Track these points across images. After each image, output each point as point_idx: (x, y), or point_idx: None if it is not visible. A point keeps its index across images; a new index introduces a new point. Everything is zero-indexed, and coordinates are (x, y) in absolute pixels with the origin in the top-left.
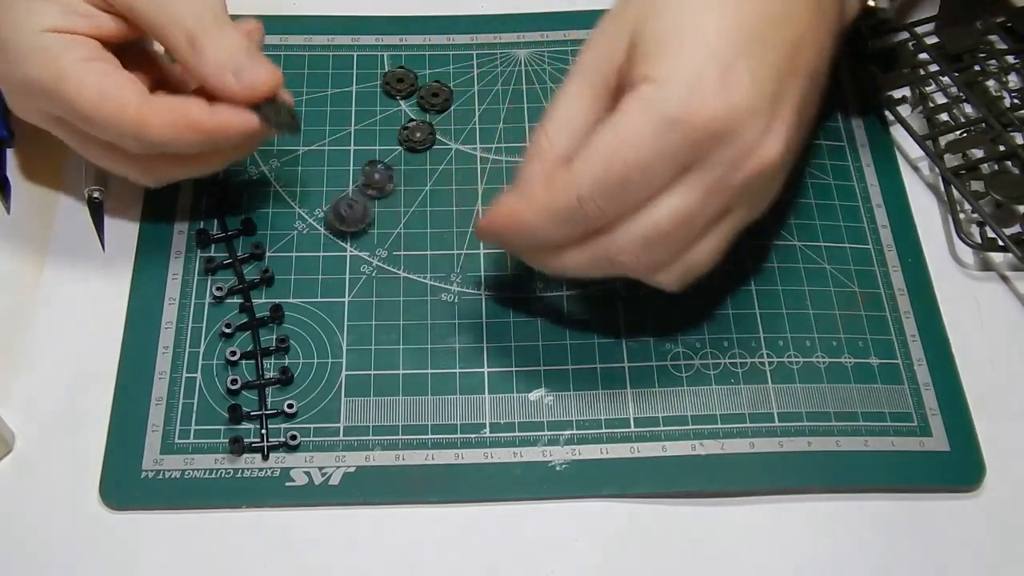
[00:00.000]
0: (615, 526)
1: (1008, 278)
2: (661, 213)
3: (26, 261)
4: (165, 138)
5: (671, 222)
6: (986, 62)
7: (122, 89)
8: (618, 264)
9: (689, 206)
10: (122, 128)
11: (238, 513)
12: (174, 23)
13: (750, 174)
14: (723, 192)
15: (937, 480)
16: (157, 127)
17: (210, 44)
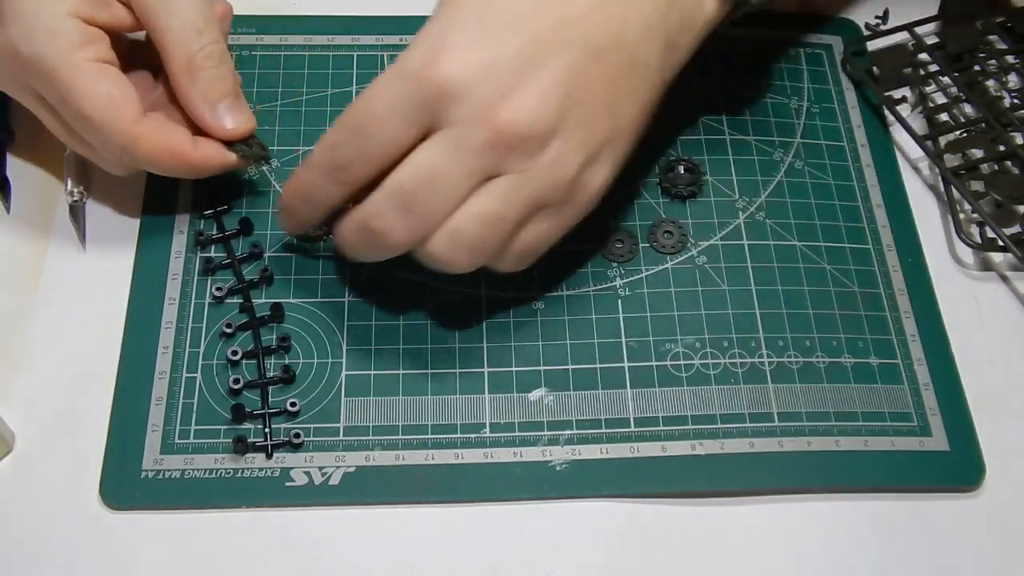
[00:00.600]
0: (615, 526)
1: (1008, 278)
2: (404, 170)
3: (26, 261)
4: (150, 159)
5: (413, 180)
6: (986, 62)
7: (127, 101)
8: (376, 232)
9: (431, 163)
10: (116, 138)
11: (238, 513)
12: (179, 43)
13: (492, 135)
14: (466, 152)
15: (937, 480)
16: (145, 148)
17: (207, 76)
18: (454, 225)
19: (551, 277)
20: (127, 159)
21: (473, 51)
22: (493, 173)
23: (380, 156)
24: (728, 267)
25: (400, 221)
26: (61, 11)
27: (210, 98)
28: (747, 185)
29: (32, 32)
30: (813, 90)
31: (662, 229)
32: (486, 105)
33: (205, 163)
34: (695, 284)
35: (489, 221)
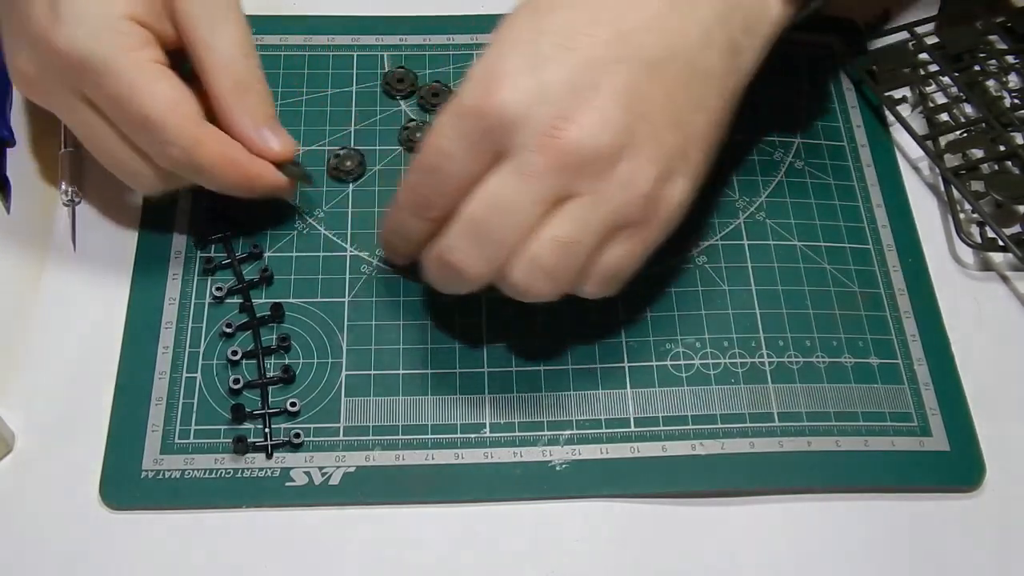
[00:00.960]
0: (615, 526)
1: (1008, 278)
2: (473, 202)
3: (26, 261)
4: (211, 165)
5: (483, 209)
6: (986, 62)
7: (189, 102)
8: (453, 265)
9: (499, 192)
10: (178, 140)
11: (238, 513)
12: (226, 63)
13: (557, 156)
14: (532, 177)
15: (937, 480)
16: (207, 152)
17: (254, 97)
18: (531, 253)
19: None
20: (185, 164)
21: (527, 76)
22: (564, 197)
23: (456, 190)
24: (728, 267)
25: (474, 252)
26: (122, 12)
27: (256, 119)
28: (747, 185)
29: (94, 32)
30: (813, 90)
31: None
32: (545, 129)
33: (259, 178)
34: (695, 284)
35: (565, 245)
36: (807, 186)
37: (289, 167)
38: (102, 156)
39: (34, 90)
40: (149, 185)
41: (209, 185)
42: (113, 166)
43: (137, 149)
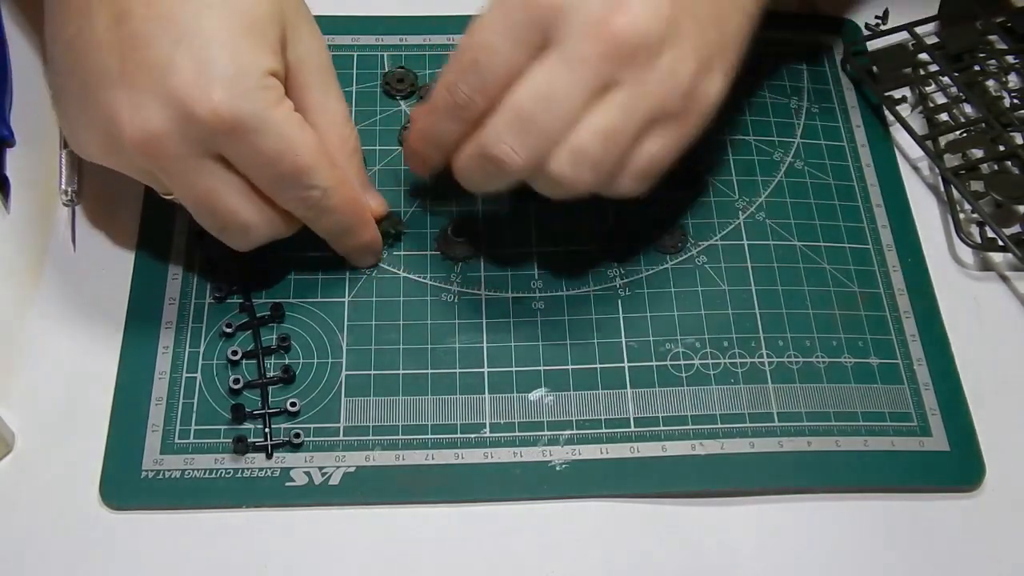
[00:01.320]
0: (615, 526)
1: (1008, 278)
2: (520, 91)
3: (26, 261)
4: (343, 204)
5: (531, 99)
6: (986, 62)
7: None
8: (496, 158)
9: (547, 81)
10: (322, 182)
11: (238, 513)
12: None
13: (606, 43)
14: (582, 65)
15: (937, 480)
16: (343, 192)
17: (359, 161)
18: (576, 143)
19: (551, 277)
20: (320, 206)
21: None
22: (608, 86)
23: (497, 86)
24: (728, 267)
25: (519, 143)
26: (267, 68)
27: (362, 179)
28: (747, 185)
29: (246, 91)
30: (813, 90)
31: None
32: (598, 16)
33: (368, 225)
34: (695, 284)
35: (610, 135)
36: (807, 186)
37: (385, 225)
38: (220, 215)
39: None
40: (260, 237)
41: (323, 229)
42: (230, 222)
43: (263, 199)
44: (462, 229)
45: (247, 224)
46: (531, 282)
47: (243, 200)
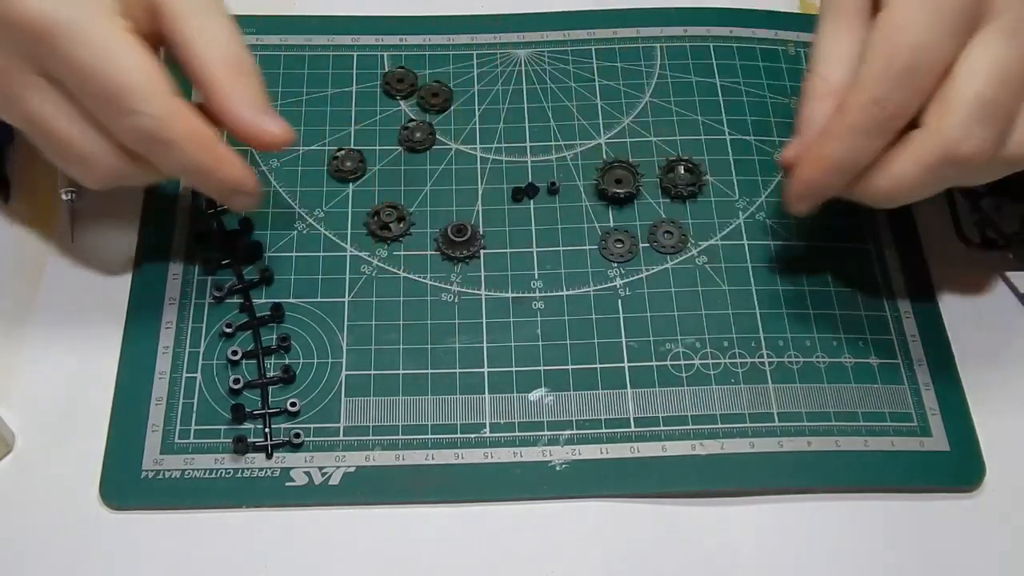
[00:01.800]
0: (615, 526)
1: (1008, 278)
2: (977, 80)
3: (26, 260)
4: (183, 139)
5: (992, 84)
6: None
7: (165, 76)
8: (966, 157)
9: (1000, 61)
10: (151, 109)
11: (238, 513)
12: (219, 47)
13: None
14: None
15: (937, 480)
16: (181, 126)
17: (251, 82)
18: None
19: (551, 277)
20: (154, 137)
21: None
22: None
23: (931, 87)
24: (728, 267)
25: (990, 132)
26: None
27: (256, 104)
28: (747, 185)
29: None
30: None
31: (662, 229)
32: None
33: (230, 165)
34: (695, 284)
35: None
36: None
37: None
38: (54, 141)
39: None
40: (103, 172)
41: (172, 170)
42: (65, 152)
43: (96, 127)
44: (462, 229)
45: (84, 155)
46: (531, 282)
47: (76, 126)
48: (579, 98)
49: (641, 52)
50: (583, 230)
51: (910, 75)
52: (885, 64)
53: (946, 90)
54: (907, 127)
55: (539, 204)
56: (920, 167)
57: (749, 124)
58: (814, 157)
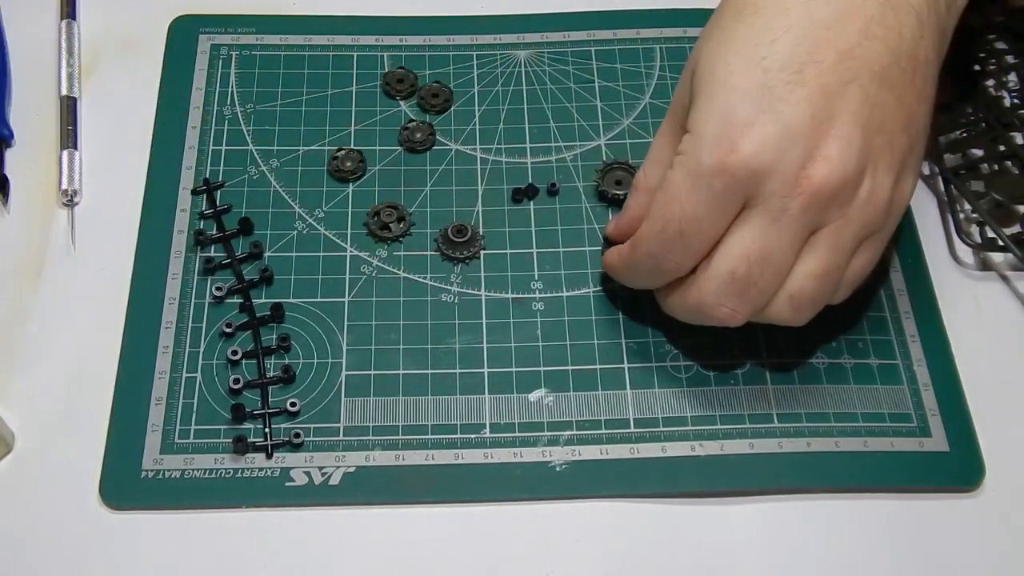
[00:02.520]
0: (615, 526)
1: (1008, 278)
2: (730, 257)
3: (25, 261)
4: None
5: (744, 263)
6: (986, 62)
7: None
8: (716, 318)
9: (756, 243)
10: None
11: (238, 513)
12: None
13: (808, 197)
14: (788, 221)
15: (937, 480)
16: None
17: None
18: (792, 290)
19: (551, 278)
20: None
21: (768, 123)
22: (814, 230)
23: (702, 252)
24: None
25: (740, 304)
26: None
27: None
28: None
29: None
30: None
31: None
32: (795, 172)
33: None
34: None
35: (825, 275)
36: None
37: None
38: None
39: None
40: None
41: None
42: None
43: None
44: (462, 229)
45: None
46: (531, 282)
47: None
48: (579, 99)
49: (641, 53)
50: (583, 231)
51: (680, 241)
52: (660, 227)
53: (711, 257)
54: None
55: (539, 205)
56: (685, 309)
57: None
58: (612, 263)
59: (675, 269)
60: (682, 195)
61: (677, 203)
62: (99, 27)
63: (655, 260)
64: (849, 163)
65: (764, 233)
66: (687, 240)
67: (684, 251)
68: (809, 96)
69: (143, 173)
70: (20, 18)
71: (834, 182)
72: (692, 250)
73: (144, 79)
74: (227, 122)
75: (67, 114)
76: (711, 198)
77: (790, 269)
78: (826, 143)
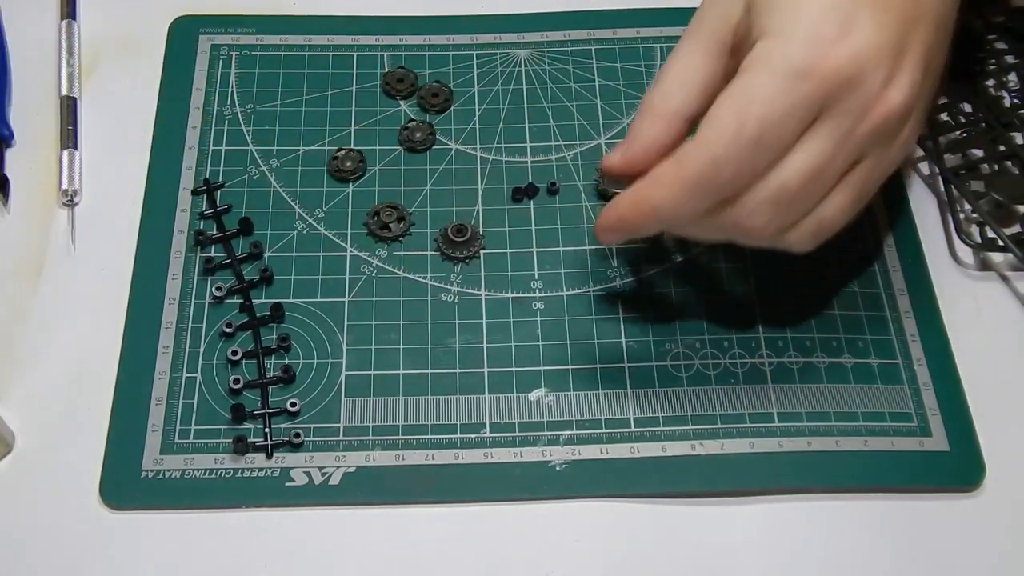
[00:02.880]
0: (615, 526)
1: (1008, 278)
2: (790, 171)
3: (25, 261)
4: None
5: (800, 179)
6: (986, 62)
7: None
8: (748, 230)
9: (818, 160)
10: None
11: (238, 513)
12: None
13: (876, 122)
14: (850, 143)
15: (937, 480)
16: None
17: None
18: (824, 214)
19: (551, 277)
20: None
21: (862, 37)
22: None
23: (773, 162)
24: (728, 267)
25: (777, 218)
26: None
27: None
28: None
29: None
30: None
31: None
32: (877, 92)
33: None
34: (695, 284)
35: (853, 206)
36: None
37: None
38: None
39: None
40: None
41: None
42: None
43: None
44: (462, 229)
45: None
46: (531, 282)
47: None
48: (579, 98)
49: (641, 52)
50: (583, 230)
51: (755, 148)
52: (735, 130)
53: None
54: None
55: (539, 204)
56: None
57: None
58: (638, 200)
59: (732, 180)
60: (767, 96)
61: (759, 105)
62: (99, 27)
63: (716, 168)
64: (911, 98)
65: (825, 150)
66: (762, 147)
67: (754, 158)
68: (895, 22)
69: (143, 173)
70: (20, 18)
71: (903, 111)
72: (761, 158)
73: (144, 79)
74: (227, 122)
75: (67, 114)
76: (797, 101)
77: (828, 193)
78: (901, 71)
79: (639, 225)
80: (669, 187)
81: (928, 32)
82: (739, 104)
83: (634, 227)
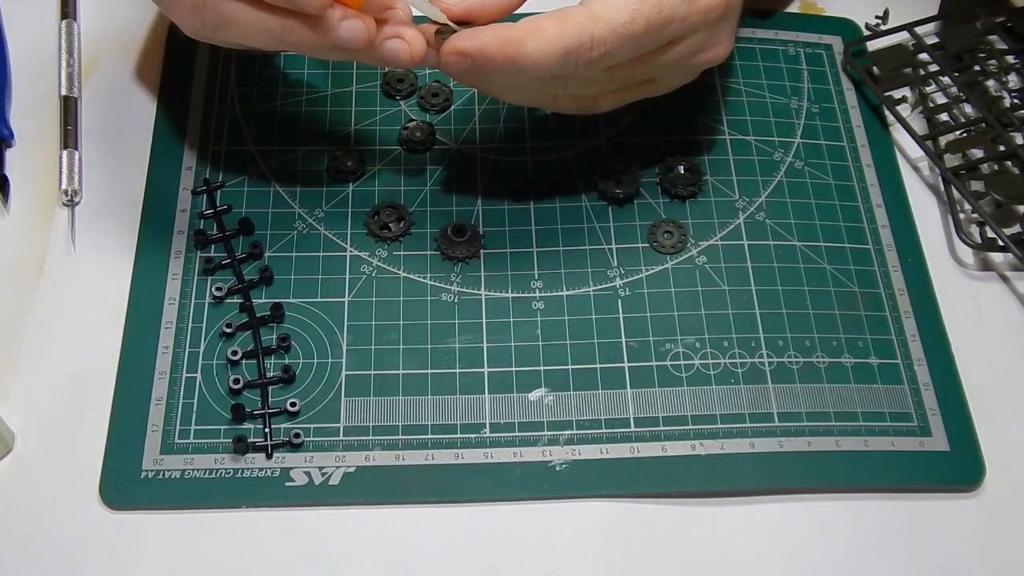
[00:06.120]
0: (615, 526)
1: (1008, 278)
2: (639, 71)
3: (25, 261)
4: None
5: (637, 80)
6: (986, 62)
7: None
8: (567, 104)
9: (652, 71)
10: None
11: (238, 513)
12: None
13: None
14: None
15: (937, 480)
16: None
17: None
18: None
19: (551, 277)
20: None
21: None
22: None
23: (639, 59)
24: (728, 267)
25: (623, 48)
26: None
27: None
28: (747, 185)
29: None
30: (813, 90)
31: (662, 229)
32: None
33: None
34: (695, 284)
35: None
36: (807, 186)
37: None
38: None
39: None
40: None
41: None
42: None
43: None
44: (462, 229)
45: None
46: (531, 282)
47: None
48: None
49: None
50: (583, 230)
51: (635, 41)
52: (627, 20)
53: None
54: None
55: (539, 204)
56: (560, 46)
57: (749, 124)
58: (508, 40)
59: (599, 61)
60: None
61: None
62: (99, 27)
63: (593, 48)
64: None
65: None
66: (641, 45)
67: (630, 52)
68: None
69: (143, 173)
70: (20, 18)
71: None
72: (633, 53)
73: (144, 79)
74: (227, 122)
75: (67, 114)
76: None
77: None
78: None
79: (496, 64)
80: (547, 43)
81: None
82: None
83: (490, 63)
